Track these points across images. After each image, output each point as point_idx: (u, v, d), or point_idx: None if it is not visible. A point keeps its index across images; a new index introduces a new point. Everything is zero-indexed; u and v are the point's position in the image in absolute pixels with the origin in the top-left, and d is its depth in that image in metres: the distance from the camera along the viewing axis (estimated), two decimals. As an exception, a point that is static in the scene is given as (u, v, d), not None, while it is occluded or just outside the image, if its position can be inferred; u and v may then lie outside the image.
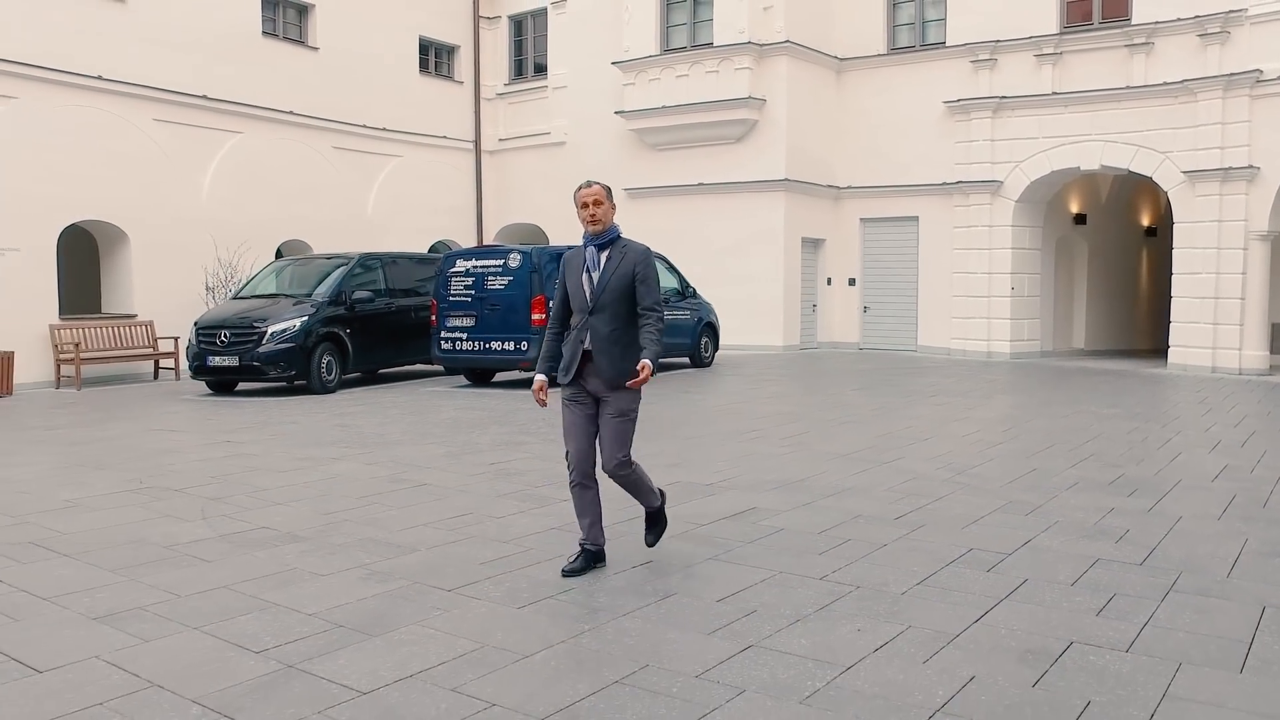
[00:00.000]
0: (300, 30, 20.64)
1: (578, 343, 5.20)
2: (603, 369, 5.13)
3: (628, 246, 5.24)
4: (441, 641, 4.37)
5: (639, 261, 5.18)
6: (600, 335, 5.12)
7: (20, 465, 8.83)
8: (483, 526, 6.44)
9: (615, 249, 5.21)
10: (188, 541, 6.07)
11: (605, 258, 5.19)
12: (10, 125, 15.61)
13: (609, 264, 5.17)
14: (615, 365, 5.11)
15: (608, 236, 5.21)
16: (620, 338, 5.13)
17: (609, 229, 5.22)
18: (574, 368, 5.21)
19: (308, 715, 3.61)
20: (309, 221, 20.17)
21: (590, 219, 5.16)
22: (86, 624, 4.62)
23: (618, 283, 5.13)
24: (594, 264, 5.20)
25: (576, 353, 5.20)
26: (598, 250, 5.21)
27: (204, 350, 14.23)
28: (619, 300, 5.13)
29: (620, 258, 5.17)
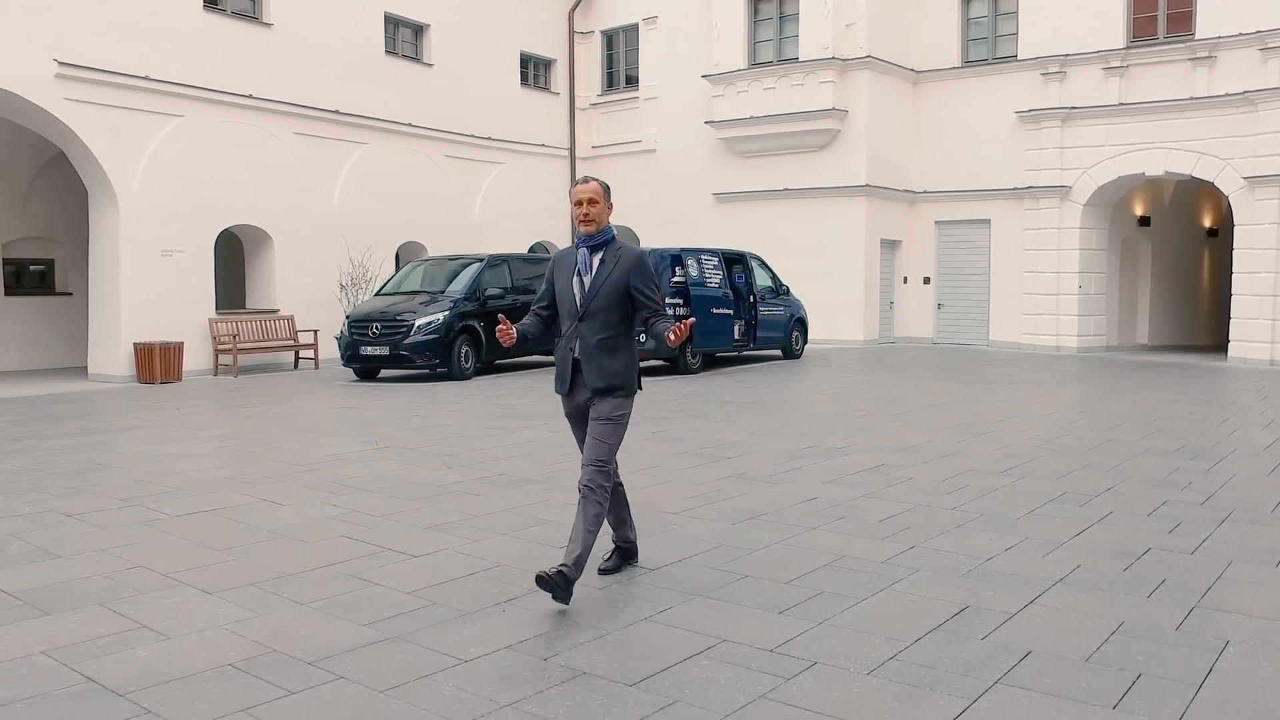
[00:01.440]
0: (416, 49, 22.44)
1: (566, 351, 5.00)
2: (591, 376, 4.90)
3: (622, 250, 4.96)
4: (691, 529, 6.02)
5: (634, 269, 4.91)
6: (589, 343, 4.88)
7: (260, 432, 10.62)
8: (673, 475, 8.09)
9: (609, 252, 4.93)
10: (450, 483, 7.78)
11: (598, 261, 4.92)
12: (177, 141, 17.50)
13: (601, 268, 4.90)
14: (603, 372, 4.88)
15: (601, 238, 4.94)
16: (610, 345, 4.90)
17: (603, 230, 4.96)
18: (567, 379, 5.02)
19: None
20: (423, 225, 21.97)
21: (583, 218, 4.92)
22: (424, 532, 6.31)
23: (610, 289, 4.88)
24: (585, 267, 4.93)
25: (567, 362, 5.00)
26: (590, 252, 4.95)
27: (356, 341, 16.05)
28: (610, 308, 4.88)
29: (614, 262, 4.90)
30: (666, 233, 23.72)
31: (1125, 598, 4.96)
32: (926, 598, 4.96)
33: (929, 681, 3.92)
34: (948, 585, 5.16)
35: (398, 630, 4.50)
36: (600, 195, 4.94)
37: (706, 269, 16.93)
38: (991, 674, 3.99)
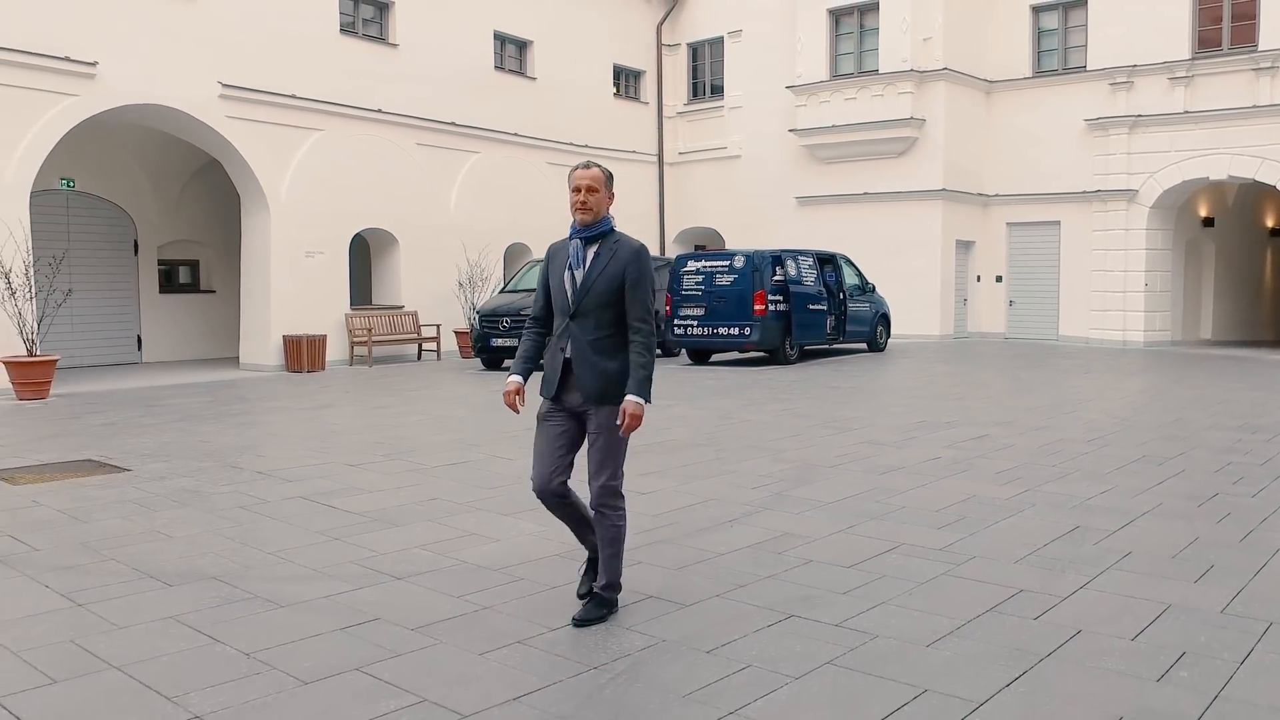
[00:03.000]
0: (521, 64, 24.20)
1: (557, 351, 4.65)
2: (583, 381, 4.54)
3: (619, 243, 4.59)
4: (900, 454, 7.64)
5: (630, 262, 4.53)
6: (581, 344, 4.54)
7: (442, 408, 12.35)
8: (815, 442, 9.70)
9: (605, 245, 4.57)
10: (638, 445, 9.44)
11: (592, 254, 4.56)
12: (318, 152, 19.35)
13: (596, 262, 4.55)
14: (597, 378, 4.53)
15: (597, 229, 4.57)
16: (604, 346, 4.55)
17: (601, 220, 4.58)
18: (555, 382, 4.65)
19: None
20: (528, 228, 23.70)
21: (580, 205, 4.53)
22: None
23: (604, 285, 4.52)
24: (578, 260, 4.57)
25: (556, 363, 4.64)
26: (584, 244, 4.59)
27: (487, 333, 17.82)
28: (604, 305, 4.53)
29: (610, 255, 4.54)
30: (749, 235, 25.34)
31: (1200, 524, 6.49)
32: (1047, 521, 6.54)
33: (1060, 566, 5.51)
34: (1061, 514, 6.73)
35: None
36: (601, 183, 4.56)
37: (803, 268, 18.51)
38: (1104, 564, 5.56)
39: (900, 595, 5.00)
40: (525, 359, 4.77)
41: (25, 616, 4.72)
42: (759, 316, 17.12)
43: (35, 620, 4.68)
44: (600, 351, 4.54)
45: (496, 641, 4.40)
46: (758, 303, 17.17)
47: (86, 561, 5.65)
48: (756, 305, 17.18)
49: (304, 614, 4.71)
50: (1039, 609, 4.80)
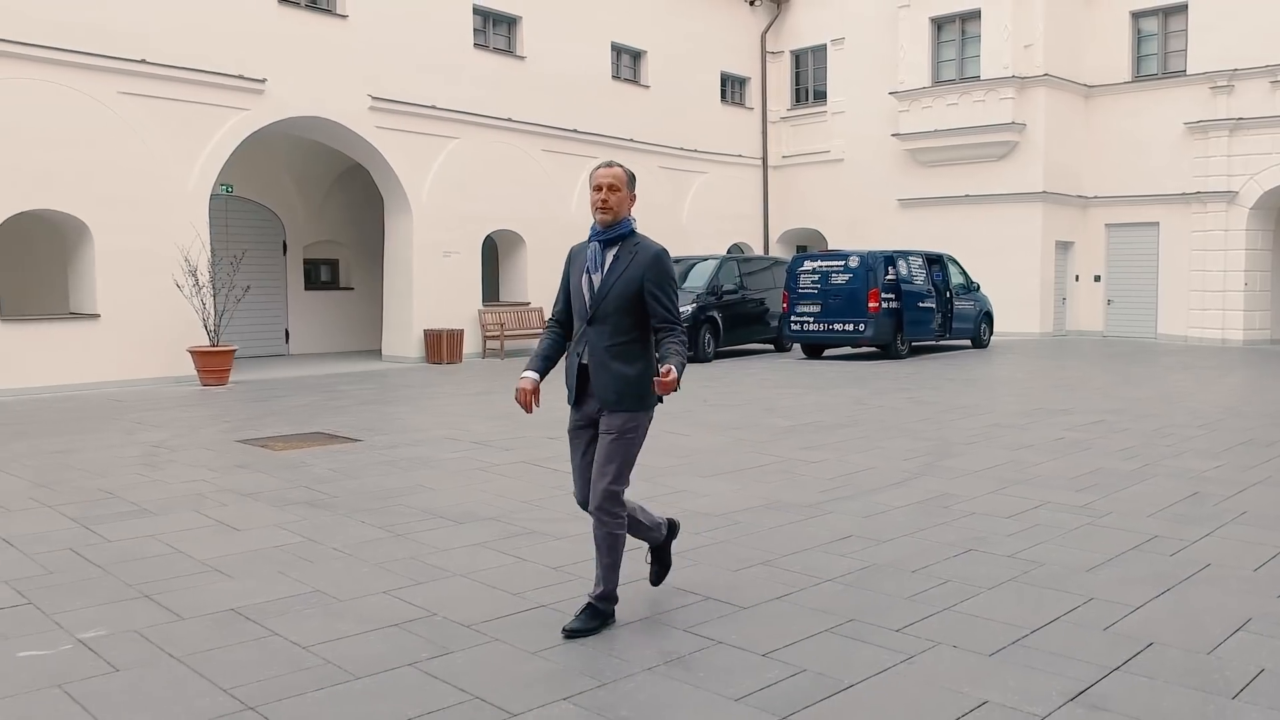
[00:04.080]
0: (635, 72, 25.46)
1: (574, 356, 4.51)
2: (601, 388, 4.41)
3: (639, 246, 4.45)
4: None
5: (650, 266, 4.39)
6: (597, 349, 4.41)
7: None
8: (947, 425, 10.78)
9: (624, 247, 4.44)
10: (785, 428, 10.62)
11: (611, 257, 4.43)
12: (454, 159, 20.78)
13: (615, 265, 4.41)
14: (615, 383, 4.39)
15: (617, 231, 4.45)
16: (622, 352, 4.40)
17: (621, 222, 4.46)
18: (573, 389, 4.52)
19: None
20: (642, 228, 24.60)
21: (601, 205, 4.42)
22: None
23: (623, 288, 4.37)
24: (597, 264, 4.45)
25: (574, 371, 4.51)
26: (603, 247, 4.46)
27: (615, 329, 19.06)
28: (622, 310, 4.38)
29: (629, 259, 4.40)
30: (851, 235, 26.37)
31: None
32: (1169, 488, 7.58)
33: (1186, 521, 6.56)
34: (1180, 483, 7.76)
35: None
36: (622, 182, 4.45)
37: (913, 268, 19.52)
38: (1223, 520, 6.60)
39: (1055, 538, 6.11)
40: (541, 356, 4.64)
41: (364, 543, 6.04)
42: (872, 314, 18.20)
43: (374, 545, 5.99)
44: (617, 357, 4.39)
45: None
46: (872, 300, 18.23)
47: (380, 506, 6.98)
48: (870, 303, 18.24)
49: (579, 543, 5.95)
50: (1173, 549, 5.87)
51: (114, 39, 15.57)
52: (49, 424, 11.40)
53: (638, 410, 4.43)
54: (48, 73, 14.98)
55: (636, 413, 4.42)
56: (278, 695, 3.83)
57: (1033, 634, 4.47)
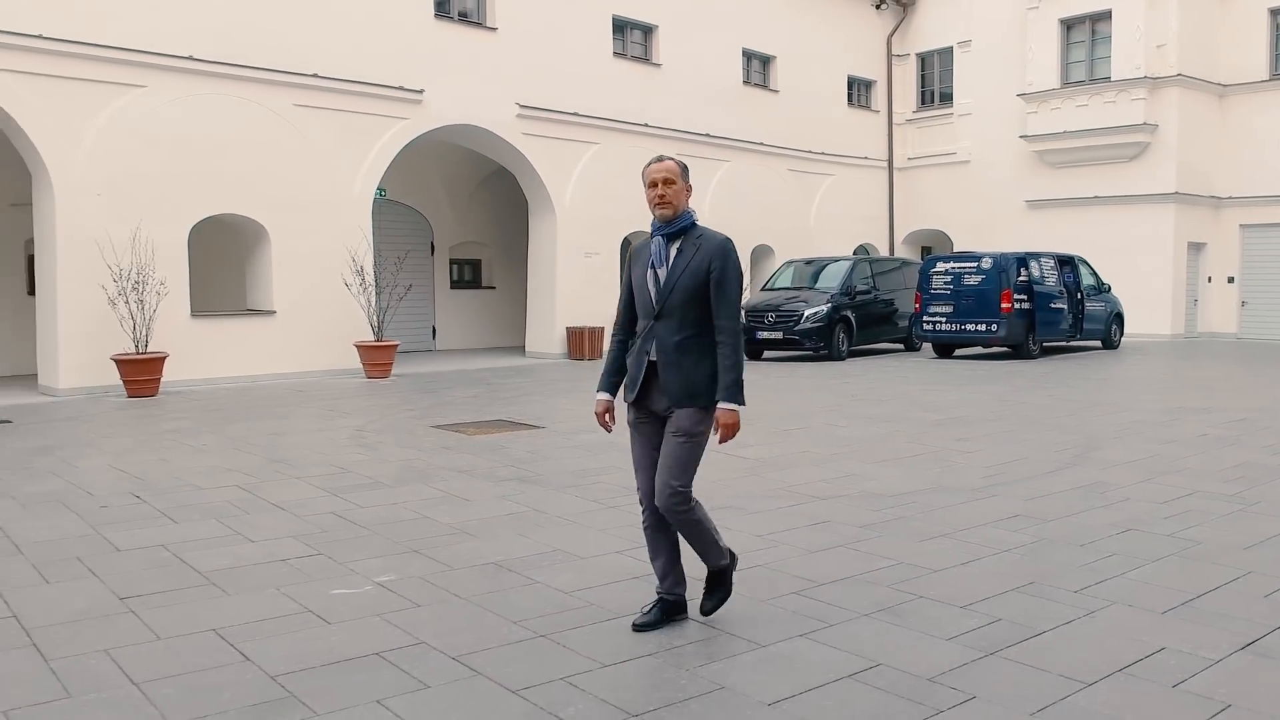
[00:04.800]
0: (765, 77, 26.10)
1: (641, 354, 4.48)
2: (669, 385, 4.37)
3: (703, 237, 4.41)
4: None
5: (715, 256, 4.34)
6: (666, 345, 4.37)
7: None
8: (1090, 421, 11.24)
9: (688, 240, 4.41)
10: (949, 418, 11.22)
11: (675, 251, 4.41)
12: (594, 163, 21.68)
13: (679, 259, 4.38)
14: (684, 381, 4.35)
15: (679, 224, 4.42)
16: (691, 347, 4.36)
17: (681, 215, 4.43)
18: (638, 384, 4.48)
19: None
20: (772, 230, 25.61)
21: (659, 200, 4.38)
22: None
23: (689, 281, 4.33)
24: (661, 258, 4.42)
25: (640, 365, 4.47)
26: (666, 241, 4.43)
27: (753, 327, 19.79)
28: (689, 303, 4.35)
29: (694, 251, 4.36)
30: (977, 237, 26.64)
31: None
32: (1317, 479, 8.03)
33: (1335, 508, 7.05)
34: (1329, 475, 8.21)
35: (1000, 480, 7.92)
36: (677, 175, 4.43)
37: (1045, 269, 19.83)
38: (1371, 507, 7.07)
39: (1209, 521, 6.64)
40: (610, 373, 4.62)
41: (582, 512, 6.86)
42: (1005, 314, 18.59)
43: (591, 514, 6.81)
44: (686, 353, 4.35)
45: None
46: (1004, 301, 18.62)
47: (583, 482, 7.81)
48: (1003, 303, 18.64)
49: (775, 517, 6.67)
50: (1325, 533, 6.37)
51: (290, 55, 16.79)
52: (250, 410, 12.54)
53: (706, 407, 4.37)
54: (231, 88, 16.24)
55: (705, 410, 4.37)
56: (561, 627, 4.63)
57: (1199, 598, 5.05)
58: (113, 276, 14.67)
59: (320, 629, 4.63)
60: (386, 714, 3.71)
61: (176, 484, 7.90)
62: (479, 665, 4.16)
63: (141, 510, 6.99)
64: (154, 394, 14.65)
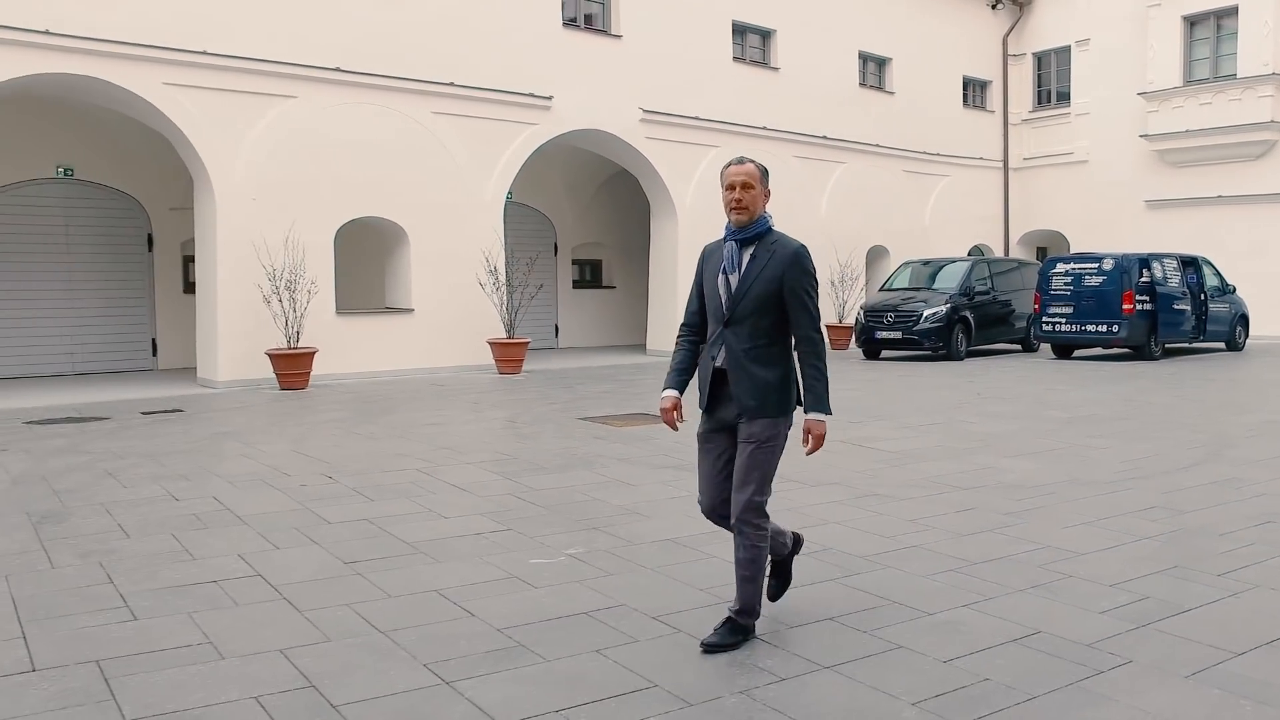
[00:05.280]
0: (880, 79, 26.32)
1: (709, 360, 4.39)
2: (738, 393, 4.27)
3: (778, 243, 4.33)
4: (1265, 451, 9.43)
5: (790, 264, 4.25)
6: (735, 353, 4.28)
7: (873, 386, 14.76)
8: (1222, 420, 11.41)
9: (762, 246, 4.32)
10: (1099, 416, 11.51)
11: (749, 256, 4.31)
12: (714, 167, 22.05)
13: (752, 265, 4.28)
14: (753, 389, 4.26)
15: (754, 230, 4.33)
16: (761, 355, 4.26)
17: (757, 220, 4.34)
18: (706, 393, 4.40)
19: None
20: (887, 231, 25.85)
21: (735, 204, 4.30)
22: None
23: (762, 288, 4.24)
24: (734, 264, 4.33)
25: (707, 374, 4.38)
26: (739, 246, 4.35)
27: (871, 326, 20.11)
28: (761, 311, 4.25)
29: (768, 257, 4.27)
30: (1094, 237, 26.49)
31: None
32: None
33: None
34: None
35: (1135, 474, 8.24)
36: (756, 179, 4.33)
37: (1168, 270, 19.79)
38: None
39: (1349, 516, 6.91)
40: (678, 370, 4.53)
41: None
42: (1127, 315, 18.62)
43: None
44: (756, 361, 4.25)
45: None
46: (1126, 302, 18.66)
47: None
48: (1125, 304, 18.67)
49: (922, 503, 7.12)
50: None
51: (429, 66, 17.61)
52: (399, 402, 13.33)
53: (778, 416, 4.27)
54: (374, 97, 17.11)
55: (777, 419, 4.27)
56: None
57: (1342, 584, 5.37)
58: (267, 276, 15.58)
59: (529, 592, 5.22)
60: (607, 662, 4.26)
61: (360, 467, 8.62)
62: (678, 624, 4.70)
63: (337, 489, 7.70)
64: (304, 387, 15.54)
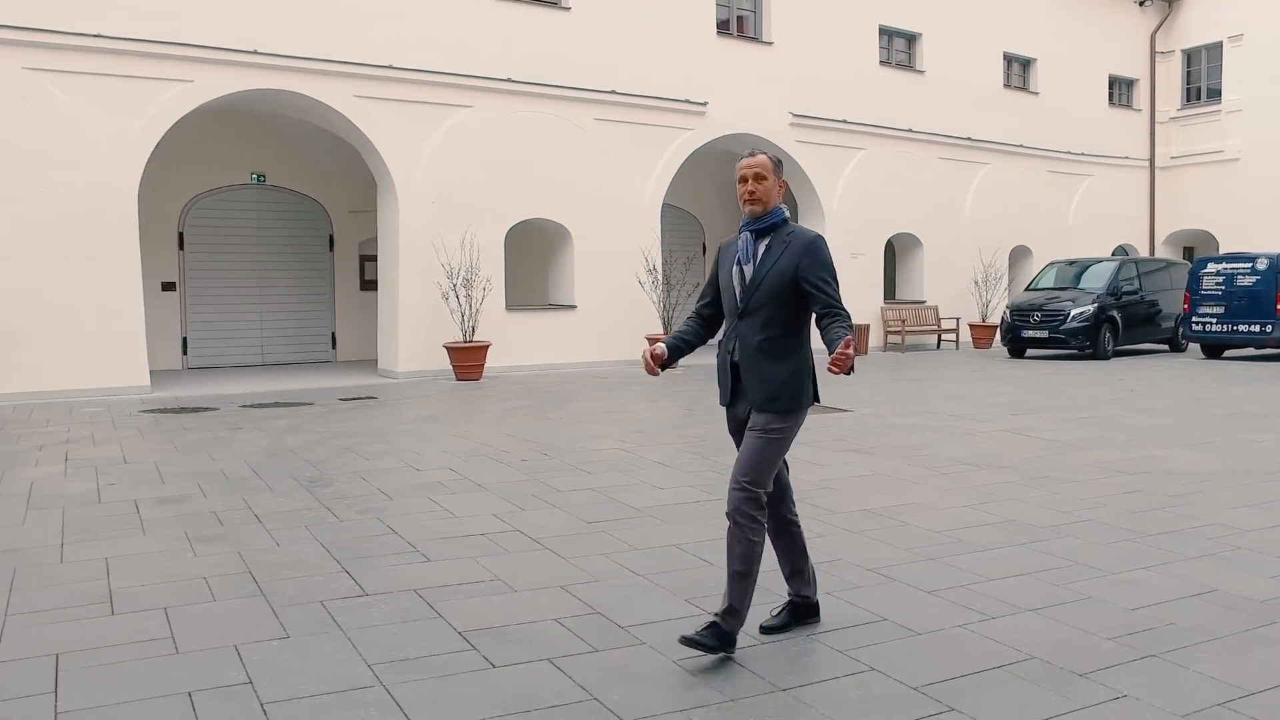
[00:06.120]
0: (1024, 80, 26.51)
1: (725, 354, 4.37)
2: (752, 388, 4.25)
3: (793, 234, 4.28)
4: None
5: (804, 253, 4.20)
6: (749, 345, 4.25)
7: (1036, 383, 15.24)
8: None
9: (777, 237, 4.28)
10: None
11: (763, 248, 4.28)
12: (860, 168, 22.74)
13: (767, 255, 4.25)
14: (766, 383, 4.21)
15: (768, 221, 4.29)
16: (774, 348, 4.21)
17: (771, 212, 4.30)
18: (728, 388, 4.40)
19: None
20: (1031, 231, 26.04)
21: (748, 197, 4.27)
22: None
23: (775, 280, 4.20)
24: (748, 255, 4.30)
25: (725, 368, 4.38)
26: (754, 238, 4.31)
27: (1017, 325, 20.47)
28: (775, 303, 4.21)
29: (782, 248, 4.23)
30: (1245, 237, 26.19)
31: None
32: None
33: None
34: None
35: None
36: (769, 170, 4.29)
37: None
38: None
39: None
40: (675, 336, 4.53)
41: (923, 478, 8.09)
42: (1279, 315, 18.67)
43: (934, 478, 8.02)
44: (768, 353, 4.21)
45: (1233, 503, 7.19)
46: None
47: (911, 455, 9.06)
48: (1279, 305, 18.70)
49: (1091, 486, 7.73)
50: None
51: (592, 75, 18.62)
52: (574, 392, 14.35)
53: (789, 411, 4.22)
54: (542, 106, 18.18)
55: (785, 414, 4.22)
56: (943, 554, 5.88)
57: None
58: (446, 274, 16.75)
59: (754, 548, 6.02)
60: (840, 605, 5.04)
61: (566, 446, 9.57)
62: (895, 574, 5.46)
63: (555, 464, 8.65)
64: (478, 378, 16.65)
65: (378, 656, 4.27)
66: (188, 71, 15.11)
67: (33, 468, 8.71)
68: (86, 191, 14.35)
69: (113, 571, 5.55)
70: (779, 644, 4.42)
